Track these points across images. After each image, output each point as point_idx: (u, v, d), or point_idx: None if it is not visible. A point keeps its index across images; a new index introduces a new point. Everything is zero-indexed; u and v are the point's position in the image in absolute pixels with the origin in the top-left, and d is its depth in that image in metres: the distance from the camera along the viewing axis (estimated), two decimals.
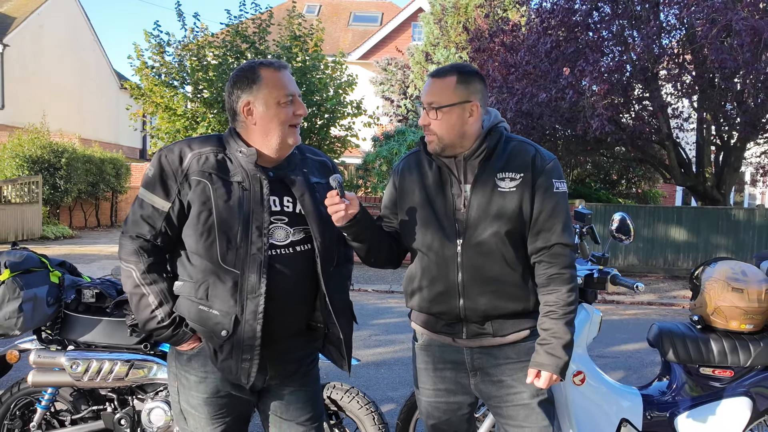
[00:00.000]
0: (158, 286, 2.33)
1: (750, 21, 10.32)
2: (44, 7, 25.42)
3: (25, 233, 16.90)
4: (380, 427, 3.47)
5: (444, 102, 2.43)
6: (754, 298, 3.21)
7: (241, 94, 2.36)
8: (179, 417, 2.49)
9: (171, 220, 2.32)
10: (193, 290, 2.31)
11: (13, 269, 3.16)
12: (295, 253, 2.36)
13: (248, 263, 2.26)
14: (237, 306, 2.26)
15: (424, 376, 2.67)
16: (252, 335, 2.27)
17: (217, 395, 2.39)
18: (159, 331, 2.35)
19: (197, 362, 2.39)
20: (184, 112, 14.90)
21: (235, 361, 2.30)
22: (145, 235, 2.32)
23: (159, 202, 2.31)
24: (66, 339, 3.36)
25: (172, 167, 2.30)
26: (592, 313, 3.19)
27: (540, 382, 2.42)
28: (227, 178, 2.30)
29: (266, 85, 2.33)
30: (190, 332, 2.36)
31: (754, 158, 15.47)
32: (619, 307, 10.50)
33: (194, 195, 2.28)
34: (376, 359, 6.56)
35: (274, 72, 2.35)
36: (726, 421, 3.23)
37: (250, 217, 2.27)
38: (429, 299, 2.53)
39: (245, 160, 2.33)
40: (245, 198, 2.28)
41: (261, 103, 2.34)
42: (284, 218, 2.36)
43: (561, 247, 2.45)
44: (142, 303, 2.34)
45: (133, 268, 2.32)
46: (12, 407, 3.58)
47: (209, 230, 2.26)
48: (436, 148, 2.48)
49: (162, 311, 2.33)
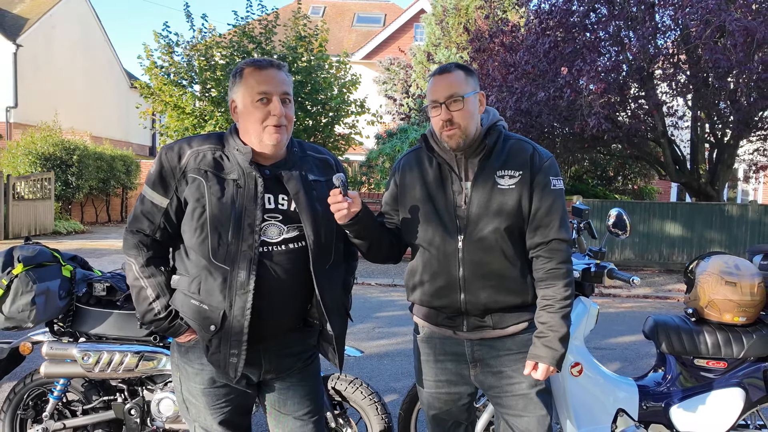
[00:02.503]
0: (156, 279, 2.35)
1: (743, 22, 10.29)
2: (56, 9, 25.42)
3: (38, 228, 16.93)
4: (383, 417, 3.47)
5: (465, 91, 2.43)
6: (747, 292, 3.20)
7: (230, 92, 2.38)
8: (182, 406, 2.50)
9: (169, 216, 2.32)
10: (187, 284, 2.31)
11: (27, 263, 3.16)
12: (287, 250, 2.33)
13: (238, 260, 2.24)
14: (225, 302, 2.25)
15: (426, 367, 2.68)
16: (239, 330, 2.26)
17: (213, 386, 2.39)
18: (156, 323, 2.37)
19: (194, 354, 2.40)
20: (193, 110, 14.91)
21: (223, 355, 2.30)
22: (145, 230, 2.34)
23: (158, 199, 2.31)
24: (77, 331, 3.36)
25: (171, 164, 2.30)
26: (590, 306, 3.18)
27: (537, 374, 2.43)
28: (222, 175, 2.29)
29: (244, 83, 2.31)
30: (186, 325, 2.36)
31: (747, 155, 15.43)
32: (616, 300, 10.50)
33: (189, 192, 2.27)
34: (380, 351, 6.56)
35: (254, 70, 2.31)
36: (719, 411, 3.22)
37: (243, 215, 2.25)
38: (431, 293, 2.53)
39: (241, 158, 2.32)
40: (239, 195, 2.27)
41: (240, 101, 2.33)
42: (278, 216, 2.33)
43: (558, 242, 2.45)
44: (141, 295, 2.36)
45: (133, 261, 2.35)
46: (25, 397, 3.59)
47: (202, 226, 2.25)
48: (460, 141, 2.45)
49: (159, 304, 2.34)
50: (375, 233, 2.54)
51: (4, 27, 23.23)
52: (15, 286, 3.12)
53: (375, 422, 3.46)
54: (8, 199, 15.91)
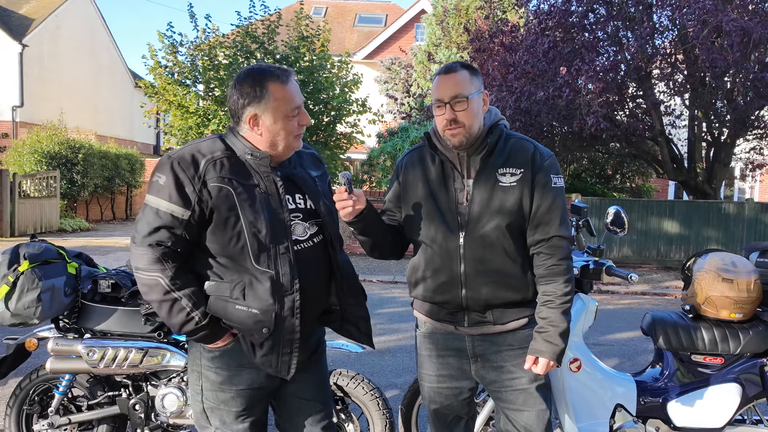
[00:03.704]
0: (189, 290, 2.27)
1: (739, 22, 10.28)
2: (62, 9, 25.42)
3: (44, 226, 16.94)
4: (384, 412, 3.47)
5: (470, 91, 2.43)
6: (744, 288, 3.20)
7: (246, 105, 2.31)
8: (201, 416, 2.45)
9: (191, 227, 2.26)
10: (228, 290, 2.28)
11: (32, 260, 3.16)
12: (313, 245, 2.40)
13: (280, 262, 2.27)
14: (276, 304, 2.26)
15: (428, 362, 2.68)
16: (292, 330, 2.29)
17: (251, 387, 2.38)
18: (197, 332, 2.30)
19: (230, 357, 2.36)
20: (196, 109, 14.91)
21: (276, 355, 2.31)
22: (166, 243, 2.24)
23: (178, 211, 2.23)
24: (83, 327, 3.36)
25: (187, 175, 2.23)
26: (588, 303, 3.18)
27: (537, 368, 2.43)
28: (247, 182, 2.28)
29: (274, 100, 2.28)
30: (225, 329, 2.33)
31: (743, 154, 15.40)
32: (614, 297, 10.49)
33: (218, 201, 2.23)
34: (381, 347, 6.54)
35: (281, 86, 2.30)
36: (716, 406, 3.22)
37: (275, 218, 2.28)
38: (432, 289, 2.53)
39: (257, 163, 2.31)
40: (266, 200, 2.28)
41: (269, 117, 2.30)
42: (299, 214, 2.37)
43: (558, 239, 2.46)
44: (174, 308, 2.27)
45: (159, 275, 2.24)
46: (31, 393, 3.59)
47: (239, 235, 2.24)
48: (463, 140, 2.45)
49: (198, 313, 2.27)
50: (378, 230, 2.57)
51: (10, 27, 23.25)
52: (21, 283, 3.11)
53: (376, 417, 3.46)
54: (14, 197, 15.92)
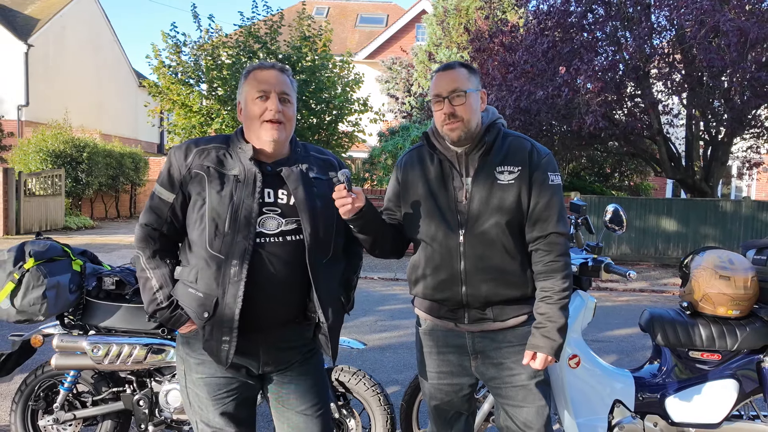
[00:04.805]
0: (160, 271, 2.39)
1: (737, 22, 10.28)
2: (67, 9, 25.43)
3: (49, 224, 16.94)
4: (386, 408, 3.47)
5: (467, 87, 2.44)
6: (741, 285, 3.20)
7: (238, 94, 2.46)
8: (186, 399, 2.49)
9: (175, 211, 2.37)
10: (187, 274, 2.36)
11: (38, 258, 3.17)
12: (284, 242, 2.35)
13: (233, 250, 2.27)
14: (219, 289, 2.28)
15: (428, 359, 2.67)
16: (231, 318, 2.27)
17: (214, 376, 2.40)
18: (159, 312, 2.39)
19: (196, 344, 2.41)
20: (200, 108, 14.92)
21: (216, 342, 2.31)
22: (153, 224, 2.39)
23: (165, 194, 2.37)
24: (87, 324, 3.36)
25: (178, 162, 2.37)
26: (587, 300, 3.18)
27: (536, 364, 2.43)
28: (224, 171, 2.34)
29: (248, 83, 2.40)
30: (186, 315, 2.38)
31: (740, 152, 15.39)
32: (613, 293, 10.49)
33: (192, 186, 2.33)
34: (382, 344, 6.54)
35: (258, 71, 2.40)
36: (714, 402, 3.22)
37: (240, 207, 2.29)
38: (433, 287, 2.53)
39: (243, 155, 2.37)
40: (237, 189, 2.30)
41: (243, 100, 2.41)
42: (277, 209, 2.35)
43: (556, 236, 2.45)
44: (146, 286, 2.40)
45: (141, 253, 2.41)
46: (36, 389, 3.60)
47: (201, 218, 2.30)
48: (461, 134, 2.45)
49: (161, 294, 2.37)
50: (378, 228, 2.55)
51: (15, 27, 23.25)
52: (26, 280, 3.12)
53: (378, 413, 3.47)
54: (20, 195, 15.92)
